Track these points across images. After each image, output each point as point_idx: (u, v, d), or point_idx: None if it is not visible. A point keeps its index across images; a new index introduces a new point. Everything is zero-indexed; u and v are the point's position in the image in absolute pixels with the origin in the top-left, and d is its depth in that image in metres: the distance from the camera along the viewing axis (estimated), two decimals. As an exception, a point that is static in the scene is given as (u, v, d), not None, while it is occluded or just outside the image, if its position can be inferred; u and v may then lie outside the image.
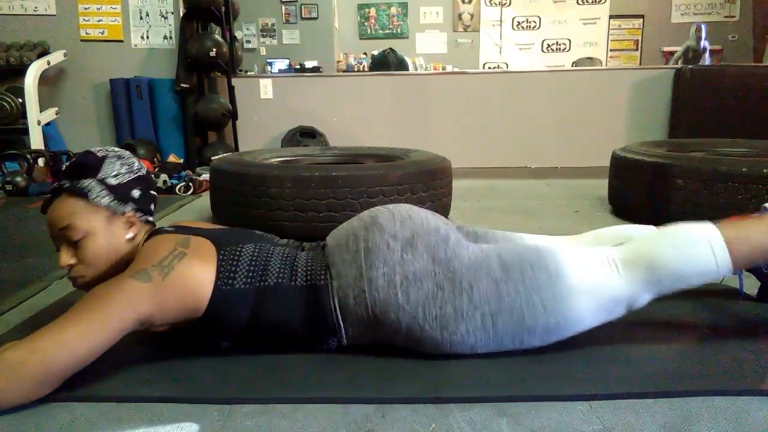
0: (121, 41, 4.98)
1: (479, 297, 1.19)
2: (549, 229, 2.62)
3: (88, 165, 1.29)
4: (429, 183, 2.56)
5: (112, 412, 1.09)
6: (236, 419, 1.06)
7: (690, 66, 4.94)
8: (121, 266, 1.24)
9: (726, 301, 1.63)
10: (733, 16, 8.65)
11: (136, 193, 1.33)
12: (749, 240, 1.24)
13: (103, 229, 1.27)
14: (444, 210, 2.71)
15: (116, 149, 1.36)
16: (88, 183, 1.27)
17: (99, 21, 4.95)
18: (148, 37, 4.99)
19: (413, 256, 1.22)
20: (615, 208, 3.03)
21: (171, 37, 4.96)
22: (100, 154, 1.31)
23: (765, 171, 2.26)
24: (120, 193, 1.30)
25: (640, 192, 2.71)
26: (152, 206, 1.39)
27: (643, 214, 2.58)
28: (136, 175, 1.34)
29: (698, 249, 1.22)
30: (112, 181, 1.29)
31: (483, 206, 3.27)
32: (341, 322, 1.24)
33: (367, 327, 1.24)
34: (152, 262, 1.18)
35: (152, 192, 1.39)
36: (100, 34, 4.97)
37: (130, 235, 1.31)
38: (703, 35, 6.57)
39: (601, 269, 1.23)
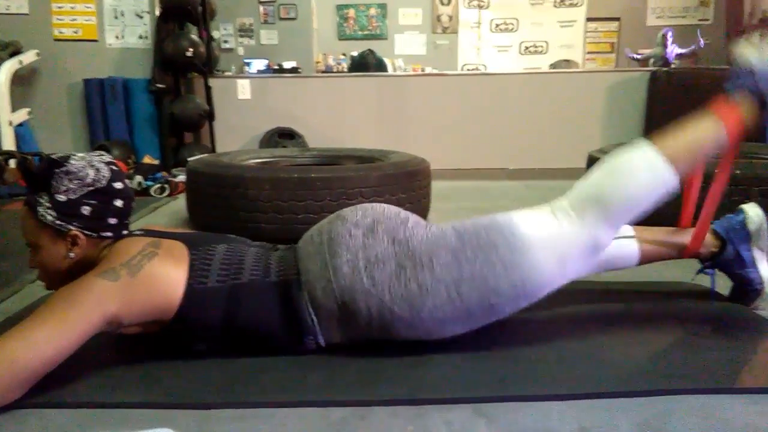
0: (95, 41, 4.90)
1: (440, 269, 1.20)
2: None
3: (40, 178, 1.25)
4: (408, 184, 2.57)
5: (84, 418, 1.07)
6: (213, 424, 1.05)
7: (665, 69, 5.02)
8: (85, 269, 1.22)
9: (698, 301, 1.66)
10: (707, 20, 8.81)
11: (85, 210, 1.24)
12: (684, 145, 1.31)
13: (47, 245, 1.25)
14: (422, 211, 2.71)
15: (77, 157, 1.27)
16: (37, 198, 1.24)
17: (73, 20, 4.86)
18: (123, 37, 4.92)
19: (374, 240, 1.24)
20: (591, 208, 3.06)
21: (146, 37, 4.89)
22: (52, 167, 1.23)
23: (737, 172, 2.30)
24: (66, 210, 1.23)
25: (616, 193, 2.74)
26: (112, 220, 1.29)
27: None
28: (90, 189, 1.25)
29: (640, 173, 1.27)
30: (61, 198, 1.23)
31: (461, 207, 3.28)
32: (314, 317, 1.24)
33: (340, 321, 1.24)
34: (121, 261, 1.16)
35: (116, 204, 1.28)
36: (74, 34, 4.88)
37: (72, 254, 1.25)
38: (669, 42, 6.69)
39: (553, 219, 1.26)
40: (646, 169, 1.26)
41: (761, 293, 1.58)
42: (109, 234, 1.29)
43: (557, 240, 1.23)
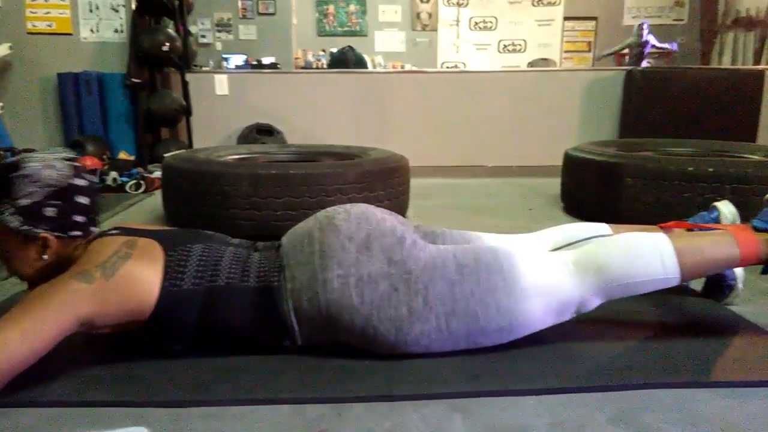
0: (69, 34, 4.81)
1: (434, 298, 1.20)
2: (504, 227, 2.65)
3: (1, 185, 1.20)
4: (387, 181, 2.56)
5: (57, 417, 1.05)
6: (187, 423, 1.04)
7: (640, 68, 5.09)
8: (62, 268, 1.20)
9: (673, 296, 1.68)
10: (682, 20, 8.96)
11: (50, 211, 1.21)
12: (697, 252, 1.29)
13: (18, 251, 1.22)
14: (401, 208, 2.71)
15: (33, 157, 1.22)
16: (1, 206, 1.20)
17: (47, 13, 4.77)
18: (98, 31, 4.84)
19: (369, 257, 1.22)
20: (567, 206, 3.10)
21: (122, 31, 4.82)
22: (7, 172, 1.19)
23: (710, 170, 2.34)
24: (31, 214, 1.19)
25: (591, 190, 2.77)
26: (79, 218, 1.25)
27: (593, 211, 2.64)
28: (52, 189, 1.20)
29: (649, 259, 1.26)
30: (23, 202, 1.19)
31: (440, 204, 3.29)
32: (295, 324, 1.23)
33: (321, 328, 1.23)
34: (95, 263, 1.15)
35: (80, 201, 1.25)
36: (48, 27, 4.79)
37: (45, 257, 1.22)
38: (645, 32, 6.79)
39: (554, 272, 1.25)
40: (655, 265, 1.26)
41: (734, 289, 1.61)
42: (78, 233, 1.26)
43: (551, 293, 1.24)
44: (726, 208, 1.62)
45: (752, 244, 1.28)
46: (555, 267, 1.26)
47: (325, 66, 7.26)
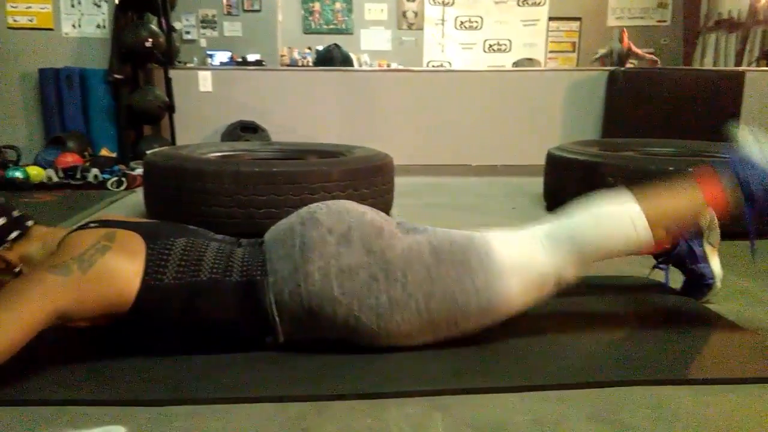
0: (51, 29, 4.75)
1: (412, 284, 1.20)
2: (488, 225, 2.64)
3: None
4: (371, 180, 2.56)
5: (32, 416, 1.04)
6: (166, 421, 1.03)
7: (622, 69, 5.13)
8: (30, 266, 1.18)
9: (652, 295, 1.71)
10: (665, 21, 9.05)
11: None
12: (664, 206, 1.32)
13: None
14: (386, 207, 2.72)
15: None
16: None
17: (28, 8, 4.70)
18: (80, 26, 4.78)
19: (348, 248, 1.22)
20: (549, 205, 3.12)
21: (104, 26, 4.76)
22: None
23: (690, 169, 2.37)
24: None
25: (573, 190, 2.78)
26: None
27: (576, 210, 2.65)
28: None
29: (620, 223, 1.28)
30: None
31: (425, 203, 3.30)
32: (277, 318, 1.23)
33: (303, 322, 1.23)
34: (72, 255, 1.12)
35: None
36: (29, 22, 4.72)
37: (16, 270, 1.21)
38: (626, 38, 6.86)
39: (528, 247, 1.27)
40: (628, 226, 1.28)
41: (712, 287, 1.64)
42: (13, 234, 1.24)
43: (528, 268, 1.25)
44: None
45: (713, 183, 1.32)
46: (528, 242, 1.28)
47: (310, 64, 7.23)
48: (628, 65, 6.64)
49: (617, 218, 1.29)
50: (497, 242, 1.26)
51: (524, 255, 1.26)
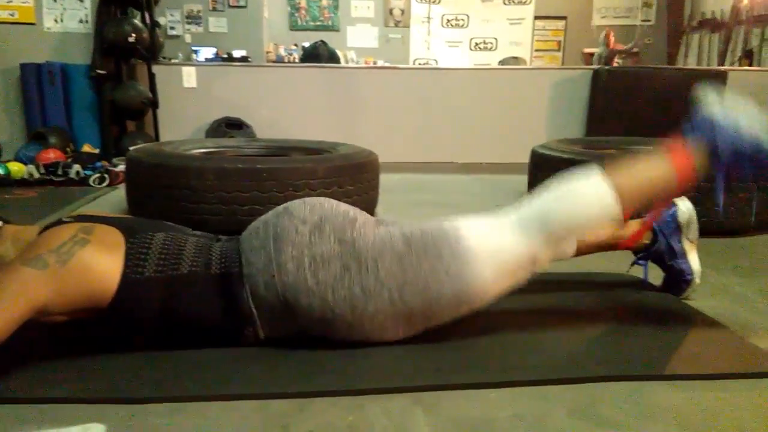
0: (32, 24, 4.69)
1: (384, 273, 1.20)
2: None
3: None
4: (356, 177, 2.56)
5: (10, 414, 1.02)
6: (146, 419, 1.02)
7: (606, 67, 5.17)
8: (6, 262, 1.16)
9: (632, 291, 1.72)
10: (649, 20, 9.14)
11: None
12: (632, 179, 1.31)
13: None
14: (371, 204, 2.71)
15: None
16: None
17: (9, 2, 4.63)
18: (62, 20, 4.72)
19: (320, 238, 1.22)
20: (535, 202, 3.13)
21: (87, 21, 4.71)
22: None
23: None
24: None
25: (558, 187, 2.81)
26: None
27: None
28: None
29: (587, 198, 1.28)
30: None
31: (410, 200, 3.30)
32: (254, 310, 1.22)
33: (280, 315, 1.23)
34: (49, 247, 1.11)
35: None
36: (10, 16, 4.65)
37: None
38: (612, 41, 6.93)
39: (498, 232, 1.27)
40: (595, 200, 1.27)
41: (691, 283, 1.65)
42: None
43: (500, 253, 1.24)
44: (683, 204, 1.65)
45: (683, 155, 1.30)
46: (498, 227, 1.27)
47: (297, 60, 7.20)
48: (615, 64, 6.70)
49: (584, 193, 1.28)
50: (468, 230, 1.26)
51: (495, 241, 1.25)
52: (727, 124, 1.29)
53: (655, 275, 1.71)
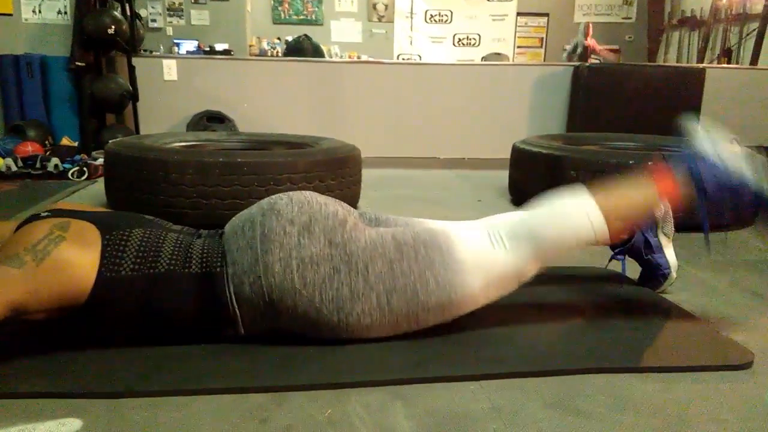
0: (10, 15, 4.60)
1: (374, 277, 1.21)
2: (453, 216, 2.65)
3: None
4: (338, 171, 2.55)
5: (-17, 410, 1.01)
6: (124, 413, 1.02)
7: (587, 64, 5.21)
8: None
9: (610, 285, 1.74)
10: (630, 18, 9.22)
11: None
12: (620, 204, 1.36)
13: None
14: (353, 199, 2.71)
15: None
16: None
17: (-15, -8, 4.55)
18: (40, 12, 4.64)
19: (310, 240, 1.21)
20: (514, 197, 3.15)
21: (66, 12, 4.63)
22: None
23: (649, 163, 2.42)
24: None
25: (537, 182, 2.82)
26: None
27: (540, 203, 2.69)
28: None
29: (576, 219, 1.31)
30: None
31: (392, 195, 3.30)
32: (237, 311, 1.21)
33: (263, 315, 1.22)
34: (25, 246, 1.09)
35: None
36: (-14, 7, 4.57)
37: None
38: (590, 32, 6.99)
39: (489, 246, 1.28)
40: (584, 226, 1.31)
41: (668, 277, 1.68)
42: None
43: (489, 266, 1.27)
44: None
45: (667, 176, 1.36)
46: (489, 241, 1.29)
47: (280, 54, 7.16)
48: (591, 61, 6.75)
49: (574, 214, 1.32)
50: (458, 238, 1.28)
51: (485, 254, 1.27)
52: (714, 159, 1.35)
53: (633, 269, 1.74)
